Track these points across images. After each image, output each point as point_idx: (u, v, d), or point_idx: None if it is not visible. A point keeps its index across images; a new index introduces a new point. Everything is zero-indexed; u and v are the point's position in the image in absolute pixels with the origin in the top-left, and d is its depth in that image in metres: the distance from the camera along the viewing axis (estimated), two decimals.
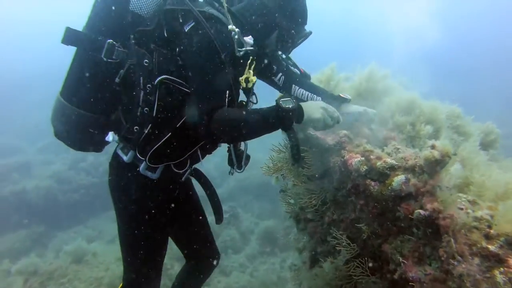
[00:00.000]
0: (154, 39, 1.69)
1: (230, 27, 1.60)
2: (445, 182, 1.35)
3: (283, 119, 1.62)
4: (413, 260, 1.37)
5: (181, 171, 1.96)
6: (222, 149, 2.18)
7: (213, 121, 1.56)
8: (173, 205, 2.10)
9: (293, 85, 2.14)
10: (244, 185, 8.90)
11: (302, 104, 1.71)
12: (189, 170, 2.07)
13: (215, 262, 2.30)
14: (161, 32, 1.69)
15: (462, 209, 1.22)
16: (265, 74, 2.13)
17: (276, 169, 2.15)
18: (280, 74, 2.13)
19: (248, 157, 2.07)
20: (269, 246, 7.12)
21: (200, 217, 2.29)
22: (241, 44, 1.63)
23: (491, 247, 1.10)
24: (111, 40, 1.70)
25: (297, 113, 1.66)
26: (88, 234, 7.36)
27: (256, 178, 8.81)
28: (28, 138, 12.65)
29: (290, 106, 1.61)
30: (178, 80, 1.67)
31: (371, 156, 1.49)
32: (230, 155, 2.02)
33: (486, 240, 1.13)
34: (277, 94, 2.22)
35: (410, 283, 1.35)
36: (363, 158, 1.50)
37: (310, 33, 1.88)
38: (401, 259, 1.39)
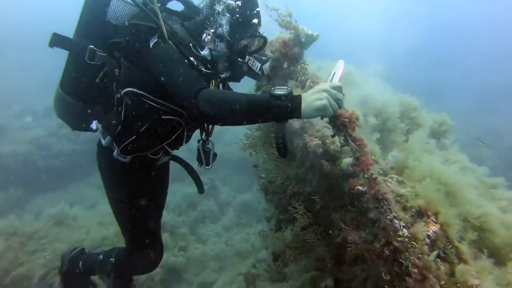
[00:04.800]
0: (123, 52, 1.91)
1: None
2: (383, 165, 1.67)
3: (274, 106, 1.47)
4: (353, 227, 1.70)
5: (155, 157, 2.26)
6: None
7: (201, 99, 1.58)
8: (148, 183, 2.40)
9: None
10: (224, 159, 9.16)
11: (303, 94, 1.50)
12: (163, 157, 2.36)
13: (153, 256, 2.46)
14: (128, 46, 1.87)
15: (390, 187, 1.54)
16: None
17: (250, 145, 2.42)
18: (257, 63, 2.28)
19: (215, 155, 2.33)
20: (245, 218, 7.53)
21: (163, 196, 2.69)
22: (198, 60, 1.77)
23: (406, 216, 1.43)
24: (92, 46, 1.95)
25: (291, 100, 1.46)
26: (68, 199, 7.51)
27: (236, 153, 9.04)
28: (2, 101, 12.28)
29: (278, 93, 1.47)
30: (142, 92, 1.88)
31: (327, 141, 1.78)
32: (199, 153, 2.28)
33: (403, 211, 1.45)
34: None
35: (348, 245, 1.69)
36: (320, 142, 1.79)
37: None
38: (343, 226, 1.72)
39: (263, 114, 1.52)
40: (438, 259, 1.39)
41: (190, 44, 1.80)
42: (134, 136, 2.05)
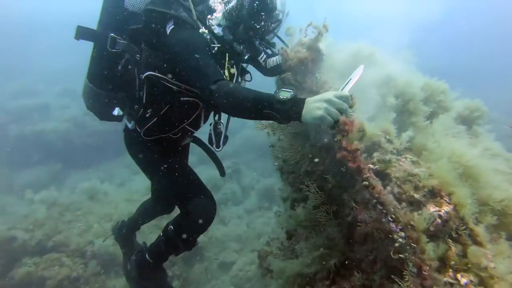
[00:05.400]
0: (143, 38, 1.99)
1: (201, 30, 1.83)
2: (397, 145, 1.62)
3: (270, 110, 1.54)
4: (363, 206, 1.67)
5: (175, 137, 2.36)
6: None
7: (215, 90, 1.67)
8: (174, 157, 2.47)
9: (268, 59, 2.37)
10: (249, 144, 9.26)
11: (307, 99, 1.51)
12: (185, 138, 2.46)
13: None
14: (146, 32, 1.95)
15: (403, 166, 1.50)
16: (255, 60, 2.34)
17: (268, 125, 2.43)
18: (263, 54, 2.33)
19: (226, 137, 2.38)
20: (268, 202, 7.59)
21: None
22: (213, 41, 1.87)
23: (416, 196, 1.39)
24: (113, 34, 2.04)
25: (294, 104, 1.50)
26: (100, 176, 7.94)
27: (261, 137, 9.12)
28: (46, 81, 13.05)
29: (282, 98, 1.50)
30: (161, 75, 1.96)
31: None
32: (210, 135, 2.33)
33: (414, 190, 1.42)
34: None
35: (358, 224, 1.67)
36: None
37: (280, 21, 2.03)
38: (353, 205, 1.70)
39: (267, 115, 1.59)
40: (449, 240, 1.35)
41: (203, 27, 1.87)
42: (156, 119, 2.15)
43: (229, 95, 1.64)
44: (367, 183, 1.46)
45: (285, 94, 1.51)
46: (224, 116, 2.45)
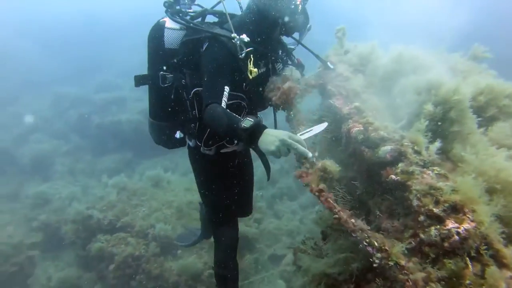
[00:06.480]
0: (184, 65, 2.35)
1: (233, 35, 2.08)
2: (425, 157, 1.59)
3: (234, 134, 1.87)
4: (387, 215, 1.67)
5: (231, 145, 2.63)
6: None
7: (206, 110, 2.03)
8: (233, 168, 2.82)
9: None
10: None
11: (266, 130, 1.80)
12: (240, 144, 2.70)
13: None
14: (187, 59, 2.32)
15: (426, 179, 1.47)
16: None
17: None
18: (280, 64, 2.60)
19: None
20: None
21: (249, 179, 3.13)
22: (242, 47, 2.09)
23: (435, 210, 1.36)
24: (162, 72, 2.40)
25: (251, 133, 1.78)
26: (166, 165, 8.64)
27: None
28: (125, 76, 14.44)
29: (244, 126, 1.78)
30: None
31: (370, 128, 1.75)
32: None
33: (434, 204, 1.39)
34: None
35: (380, 231, 1.68)
36: (363, 128, 1.77)
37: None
38: (378, 213, 1.71)
39: (234, 138, 2.27)
40: (467, 258, 1.30)
41: (232, 40, 2.11)
42: (210, 128, 2.41)
43: (209, 117, 1.99)
44: (337, 216, 1.56)
45: (248, 123, 1.79)
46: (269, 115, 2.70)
